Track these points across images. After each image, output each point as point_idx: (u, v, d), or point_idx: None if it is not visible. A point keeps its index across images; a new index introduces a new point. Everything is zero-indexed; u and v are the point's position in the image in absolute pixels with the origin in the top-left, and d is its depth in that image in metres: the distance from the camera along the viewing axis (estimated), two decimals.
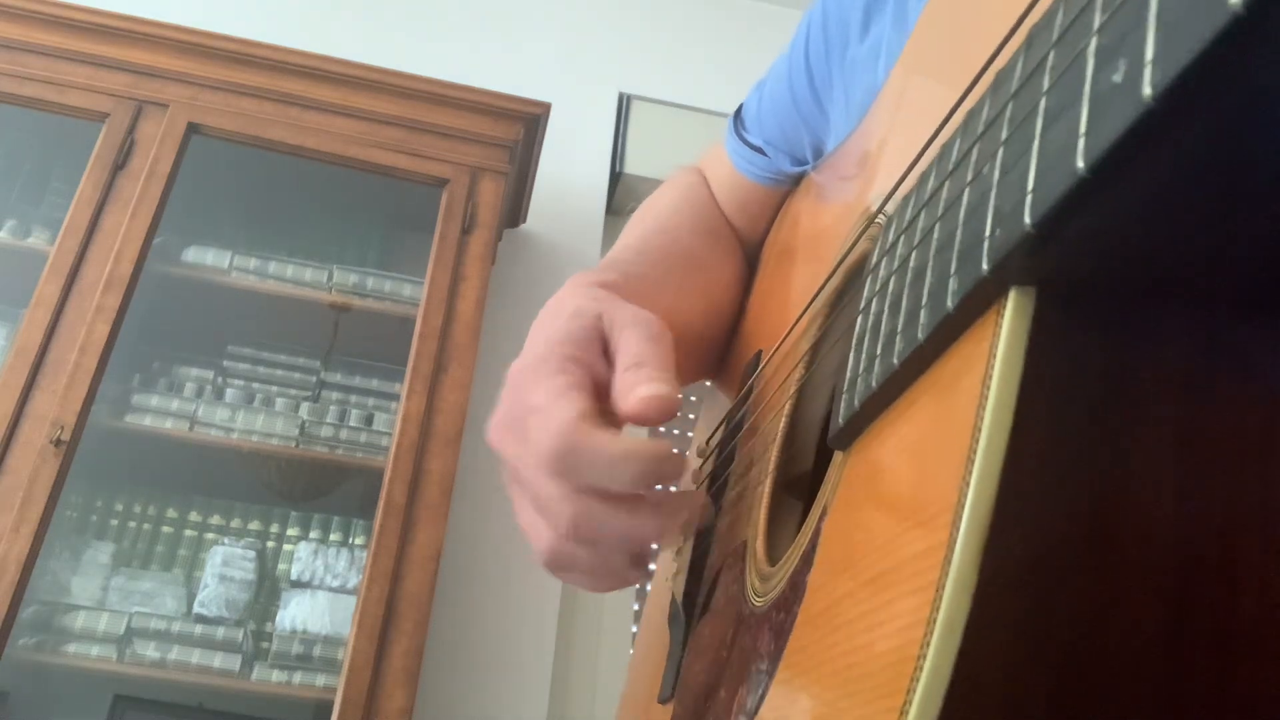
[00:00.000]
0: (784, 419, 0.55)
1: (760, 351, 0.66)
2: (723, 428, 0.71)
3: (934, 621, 0.25)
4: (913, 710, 0.25)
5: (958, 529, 0.25)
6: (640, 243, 0.71)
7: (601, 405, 0.48)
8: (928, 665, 0.25)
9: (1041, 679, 0.25)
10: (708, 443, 0.75)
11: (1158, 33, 0.21)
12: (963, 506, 0.26)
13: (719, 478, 0.67)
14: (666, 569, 0.74)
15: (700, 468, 0.75)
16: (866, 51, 0.63)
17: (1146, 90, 0.21)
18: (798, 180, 0.75)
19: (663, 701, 0.61)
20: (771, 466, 0.55)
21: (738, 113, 0.81)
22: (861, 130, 0.58)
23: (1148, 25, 0.21)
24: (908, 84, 0.50)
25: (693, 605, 0.62)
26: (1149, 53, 0.21)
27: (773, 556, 0.50)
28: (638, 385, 0.47)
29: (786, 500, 0.54)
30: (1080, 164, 0.23)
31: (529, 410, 0.48)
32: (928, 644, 0.25)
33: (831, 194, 0.62)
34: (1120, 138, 0.22)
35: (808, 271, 0.61)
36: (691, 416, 2.53)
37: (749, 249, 0.80)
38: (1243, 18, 0.18)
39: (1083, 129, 0.23)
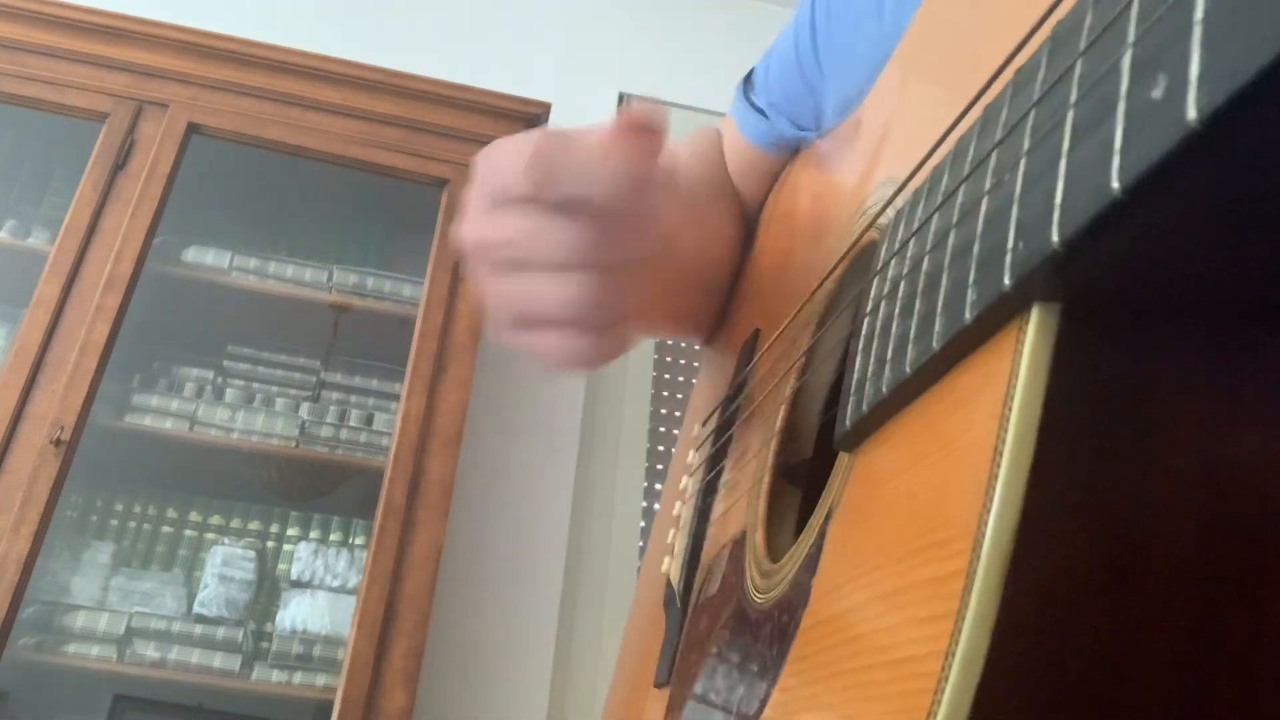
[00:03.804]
0: (784, 407, 0.55)
1: (758, 331, 0.66)
2: (719, 411, 0.71)
3: (953, 655, 0.25)
4: None
5: (978, 558, 0.25)
6: None
7: None
8: (945, 700, 0.24)
9: (1063, 715, 0.24)
10: (704, 424, 0.75)
11: (1204, 49, 0.20)
12: (983, 535, 0.25)
13: (716, 462, 0.67)
14: (662, 550, 0.74)
15: (697, 450, 0.75)
16: (875, 2, 0.62)
17: (1191, 113, 0.20)
18: (796, 148, 0.75)
19: (659, 686, 0.61)
20: (771, 456, 0.54)
21: (748, 76, 0.81)
22: (867, 104, 0.57)
23: (1192, 40, 0.20)
24: (915, 59, 0.48)
25: (689, 590, 0.62)
26: (1194, 71, 0.20)
27: (773, 550, 0.49)
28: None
29: (786, 489, 0.53)
30: (1115, 184, 0.22)
31: (499, 151, 0.47)
32: (946, 678, 0.24)
33: (834, 169, 0.61)
34: (1160, 159, 0.21)
35: (809, 252, 0.60)
36: (679, 397, 2.53)
37: (748, 213, 0.80)
38: None
39: (1117, 147, 0.22)
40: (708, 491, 0.66)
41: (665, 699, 0.58)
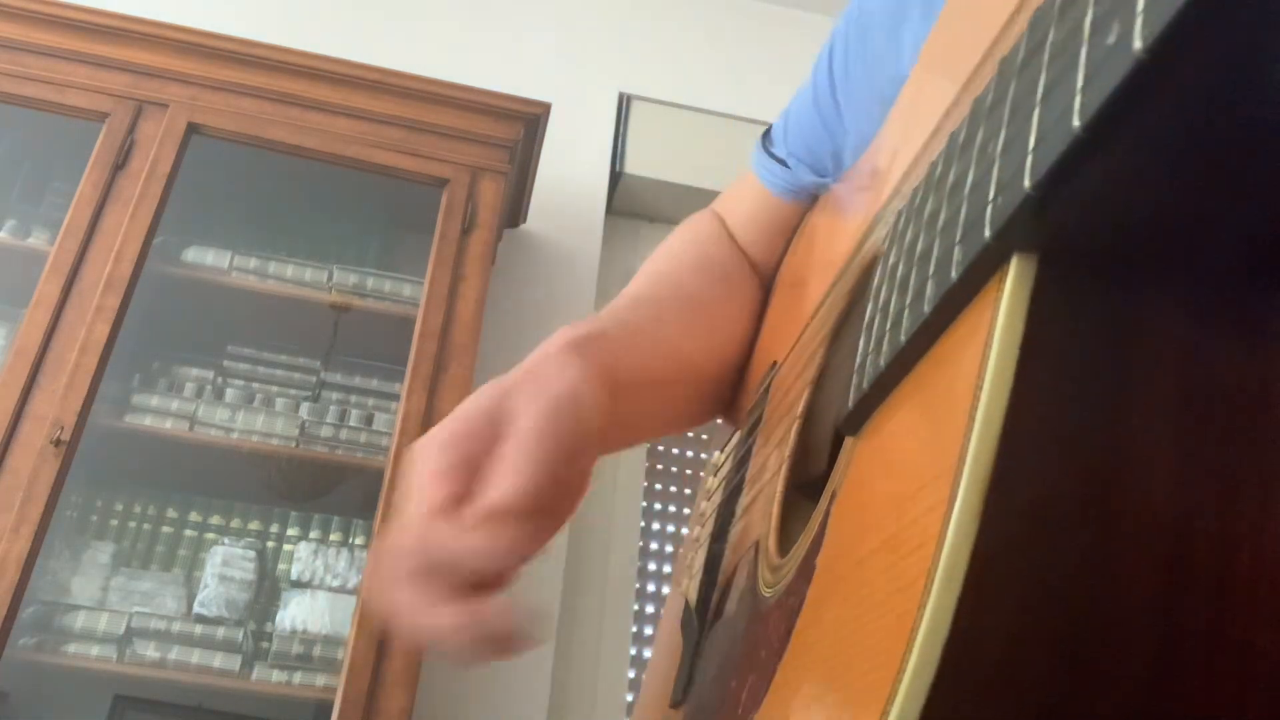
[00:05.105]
0: (796, 422, 0.55)
1: (775, 362, 0.67)
2: (738, 435, 0.72)
3: (933, 575, 0.25)
4: (910, 666, 0.25)
5: (958, 485, 0.26)
6: (639, 290, 0.73)
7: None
8: (925, 620, 0.25)
9: (1039, 639, 0.25)
10: (723, 449, 0.76)
11: None
12: (963, 463, 0.26)
13: (733, 485, 0.68)
14: (681, 577, 0.75)
15: (718, 473, 0.76)
16: (895, 45, 0.63)
17: (1137, 44, 0.21)
18: (816, 195, 0.76)
19: (674, 706, 0.62)
20: (784, 469, 0.55)
21: (766, 133, 0.82)
22: (876, 143, 0.58)
23: None
24: (919, 95, 0.50)
25: (705, 609, 0.62)
26: (1139, 9, 0.21)
27: (783, 550, 0.50)
28: (477, 530, 0.49)
29: (799, 503, 0.54)
30: (1076, 122, 0.23)
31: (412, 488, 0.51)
32: (927, 598, 0.25)
33: (845, 209, 0.63)
34: (1114, 92, 0.22)
35: (821, 287, 0.61)
36: (705, 437, 2.53)
37: (766, 279, 0.80)
38: None
39: (1079, 89, 0.23)
40: (725, 513, 0.67)
41: (681, 718, 0.59)
